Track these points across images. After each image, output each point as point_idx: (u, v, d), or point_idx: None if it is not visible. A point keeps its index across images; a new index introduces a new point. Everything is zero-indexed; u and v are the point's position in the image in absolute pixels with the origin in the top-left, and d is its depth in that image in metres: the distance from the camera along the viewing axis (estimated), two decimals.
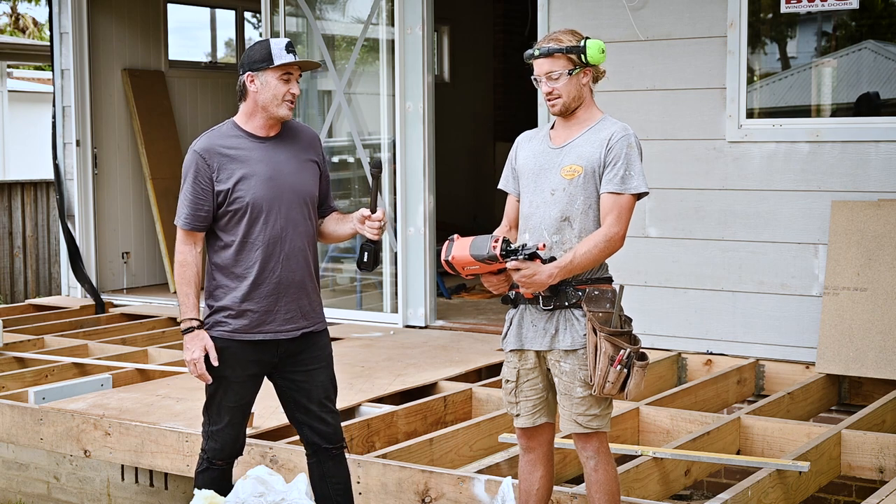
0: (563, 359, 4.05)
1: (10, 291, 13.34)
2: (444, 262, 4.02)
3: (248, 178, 4.19)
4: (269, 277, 4.23)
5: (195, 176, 4.20)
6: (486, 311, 9.00)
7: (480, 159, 13.31)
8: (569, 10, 7.36)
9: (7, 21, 26.97)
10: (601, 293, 4.04)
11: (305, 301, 4.32)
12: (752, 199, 6.89)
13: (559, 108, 4.10)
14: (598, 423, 4.06)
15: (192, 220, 4.22)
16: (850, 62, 7.04)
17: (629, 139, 4.04)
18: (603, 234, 3.99)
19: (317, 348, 4.37)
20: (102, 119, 10.05)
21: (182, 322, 4.25)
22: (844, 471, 5.42)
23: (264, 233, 4.21)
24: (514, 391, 4.19)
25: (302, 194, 4.28)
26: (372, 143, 8.78)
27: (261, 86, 4.20)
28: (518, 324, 4.15)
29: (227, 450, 4.37)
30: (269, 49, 4.19)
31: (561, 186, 4.06)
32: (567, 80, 4.05)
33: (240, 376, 4.28)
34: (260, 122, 4.27)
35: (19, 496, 6.64)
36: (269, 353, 4.29)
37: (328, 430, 4.39)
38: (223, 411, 4.32)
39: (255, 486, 4.30)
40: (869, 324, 6.39)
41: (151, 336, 8.22)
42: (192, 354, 4.20)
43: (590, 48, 4.03)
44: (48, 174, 11.74)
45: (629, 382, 3.98)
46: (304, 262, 4.30)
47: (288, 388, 4.37)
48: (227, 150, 4.22)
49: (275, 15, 8.85)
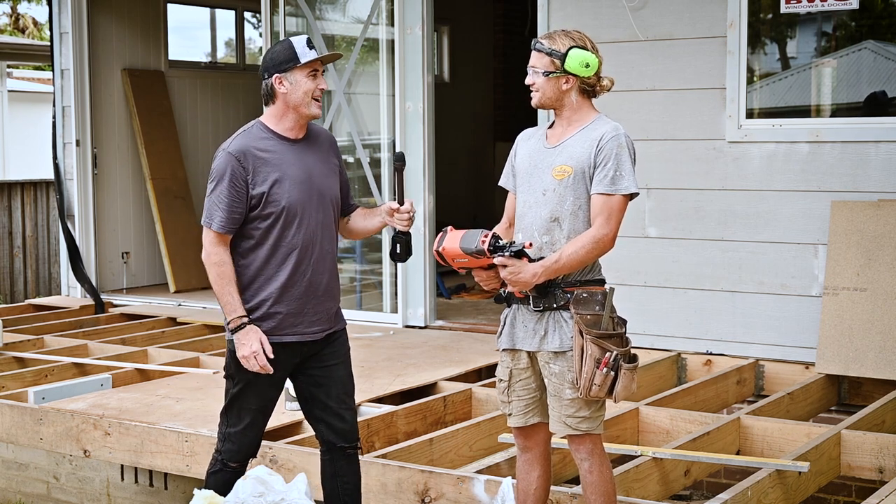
0: (553, 360, 4.04)
1: (9, 291, 13.34)
2: (435, 253, 4.06)
3: (282, 181, 4.15)
4: (300, 280, 4.20)
5: (231, 178, 4.11)
6: (486, 311, 9.00)
7: (480, 159, 13.31)
8: (569, 10, 7.36)
9: (7, 21, 26.98)
10: (590, 295, 4.02)
11: (331, 303, 4.32)
12: (751, 199, 6.89)
13: (535, 101, 4.13)
14: (587, 424, 4.05)
15: (228, 223, 4.14)
16: (850, 62, 7.04)
17: (619, 139, 4.01)
18: (591, 235, 3.97)
19: (336, 344, 4.37)
20: (102, 119, 10.05)
21: (230, 322, 4.15)
22: (844, 471, 5.42)
23: (298, 236, 4.18)
24: (506, 390, 4.20)
25: (329, 197, 4.29)
26: (372, 143, 8.78)
27: (290, 86, 4.17)
28: (511, 323, 4.16)
29: (243, 452, 4.34)
30: (294, 48, 4.16)
31: (552, 187, 4.05)
32: (545, 80, 4.06)
33: (264, 379, 4.23)
34: (290, 124, 4.24)
35: (19, 496, 6.64)
36: (294, 354, 4.27)
37: (345, 428, 4.37)
38: (244, 413, 4.29)
39: (255, 486, 4.30)
40: (869, 324, 6.39)
41: (151, 336, 8.22)
42: (252, 348, 4.11)
43: (570, 57, 4.00)
44: (48, 174, 11.74)
45: (617, 385, 3.96)
46: (331, 265, 4.30)
47: (307, 385, 4.35)
48: (261, 152, 4.17)
49: (275, 15, 8.85)
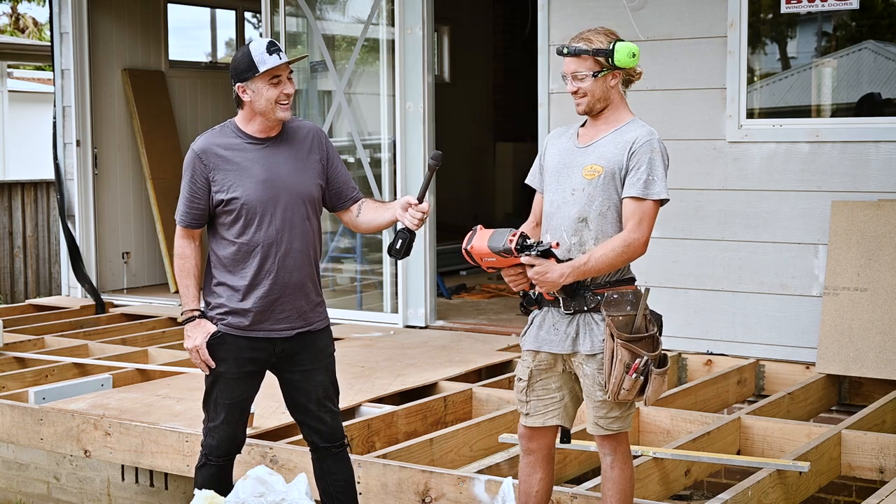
0: (585, 362, 4.03)
1: (10, 291, 13.34)
2: (463, 252, 4.01)
3: (242, 179, 4.21)
4: (266, 279, 4.24)
5: (192, 174, 4.25)
6: (486, 311, 9.00)
7: (480, 159, 13.31)
8: (569, 10, 7.37)
9: (7, 21, 26.98)
10: (621, 296, 3.98)
11: (303, 302, 4.32)
12: (752, 200, 6.89)
13: (583, 107, 4.06)
14: (619, 424, 4.06)
15: (188, 218, 4.28)
16: (850, 62, 7.04)
17: (653, 144, 3.99)
18: (622, 238, 3.93)
19: (315, 349, 4.37)
20: (102, 119, 10.05)
21: (183, 313, 4.30)
22: (844, 471, 5.42)
23: (259, 234, 4.22)
24: (525, 390, 4.18)
25: (301, 195, 4.28)
26: (372, 144, 8.77)
27: (253, 94, 4.19)
28: (538, 325, 4.13)
29: (223, 447, 4.39)
30: (251, 56, 4.15)
31: (581, 186, 4.02)
32: (592, 82, 4.00)
33: (235, 372, 4.29)
34: (259, 126, 4.28)
35: (19, 496, 6.64)
36: (265, 351, 4.30)
37: (325, 430, 4.41)
38: (219, 407, 4.34)
39: (255, 486, 4.30)
40: (869, 324, 6.39)
41: (151, 336, 8.22)
42: (195, 341, 4.25)
43: (618, 52, 3.98)
44: (48, 174, 11.74)
45: (647, 389, 3.95)
46: (302, 263, 4.29)
47: (288, 389, 4.40)
48: (223, 150, 4.23)
49: (275, 15, 8.85)
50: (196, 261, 4.32)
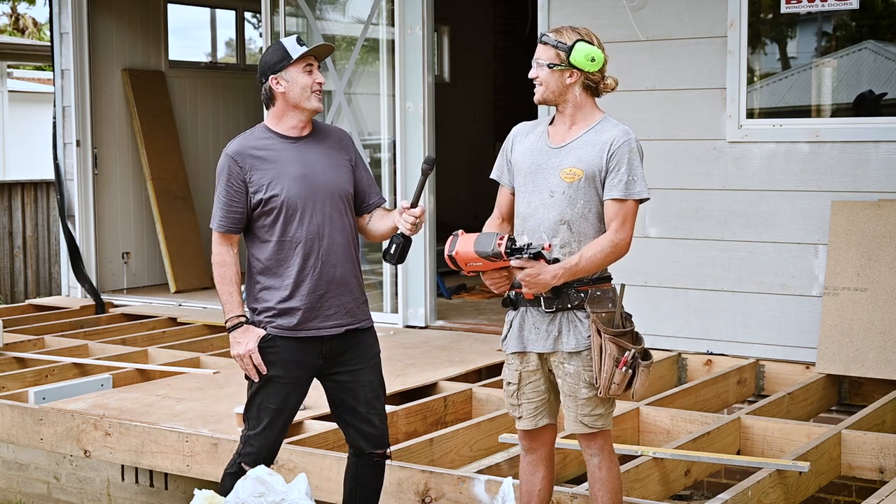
0: (567, 360, 4.04)
1: (10, 291, 13.34)
2: (447, 258, 4.01)
3: (280, 177, 4.18)
4: (311, 274, 4.20)
5: (227, 178, 4.20)
6: (486, 311, 9.00)
7: (480, 159, 13.29)
8: (569, 10, 7.36)
9: (7, 21, 26.99)
10: (603, 293, 4.05)
11: (349, 297, 4.29)
12: (752, 200, 6.89)
13: (538, 96, 4.13)
14: (602, 422, 4.08)
15: (226, 223, 4.21)
16: (850, 62, 7.04)
17: (631, 144, 4.02)
18: (609, 239, 3.99)
19: (362, 347, 4.33)
20: (102, 119, 10.05)
21: (228, 321, 4.21)
22: (844, 471, 5.42)
23: (301, 230, 4.19)
24: (515, 393, 4.19)
25: (337, 191, 4.27)
26: (372, 144, 8.78)
27: (287, 84, 4.20)
28: (519, 326, 4.14)
29: (262, 455, 4.29)
30: (284, 47, 4.22)
31: (560, 189, 4.04)
32: (549, 73, 4.06)
33: (283, 377, 4.23)
34: (292, 122, 4.27)
35: (19, 496, 6.64)
36: (314, 352, 4.25)
37: (374, 433, 4.35)
38: (263, 413, 4.26)
39: (255, 486, 4.30)
40: (869, 324, 6.39)
41: (151, 336, 8.21)
42: (247, 346, 4.17)
43: (576, 50, 4.01)
44: (48, 174, 11.74)
45: (635, 382, 3.99)
46: (344, 257, 4.27)
47: (335, 390, 4.34)
48: (258, 151, 4.22)
49: (275, 15, 8.85)
50: (236, 267, 4.24)
